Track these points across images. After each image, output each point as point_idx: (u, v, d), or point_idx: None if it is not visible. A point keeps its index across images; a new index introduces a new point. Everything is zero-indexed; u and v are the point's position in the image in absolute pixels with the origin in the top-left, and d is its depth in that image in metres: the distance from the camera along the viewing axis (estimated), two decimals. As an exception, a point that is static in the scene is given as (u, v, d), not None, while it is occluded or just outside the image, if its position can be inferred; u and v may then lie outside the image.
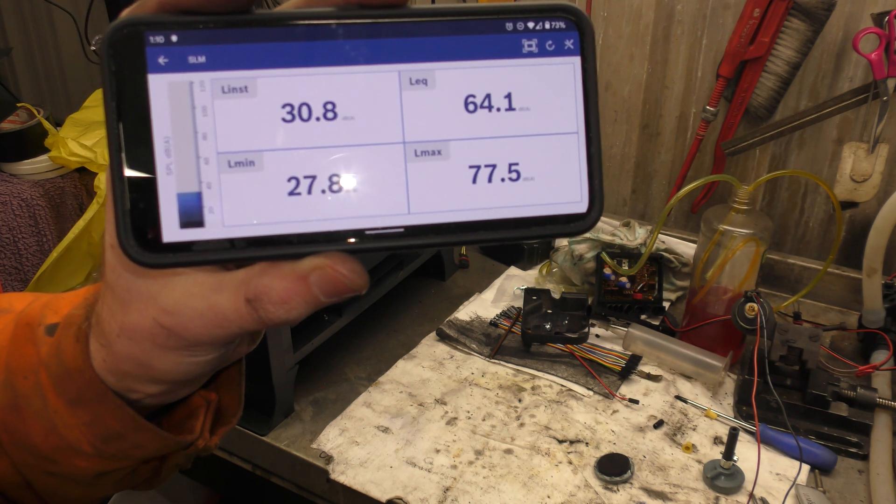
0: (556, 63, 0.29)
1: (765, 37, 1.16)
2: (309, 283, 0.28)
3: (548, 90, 0.29)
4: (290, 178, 0.28)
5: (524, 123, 0.29)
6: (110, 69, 0.27)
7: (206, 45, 0.27)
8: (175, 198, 0.28)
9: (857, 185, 1.14)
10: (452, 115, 0.29)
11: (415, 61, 0.28)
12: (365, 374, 1.06)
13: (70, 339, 0.35)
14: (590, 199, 0.29)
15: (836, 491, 0.86)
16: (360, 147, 0.28)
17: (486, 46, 0.29)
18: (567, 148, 0.29)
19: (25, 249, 1.49)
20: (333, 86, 0.28)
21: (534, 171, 0.29)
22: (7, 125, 1.56)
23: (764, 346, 0.93)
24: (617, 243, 1.15)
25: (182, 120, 0.27)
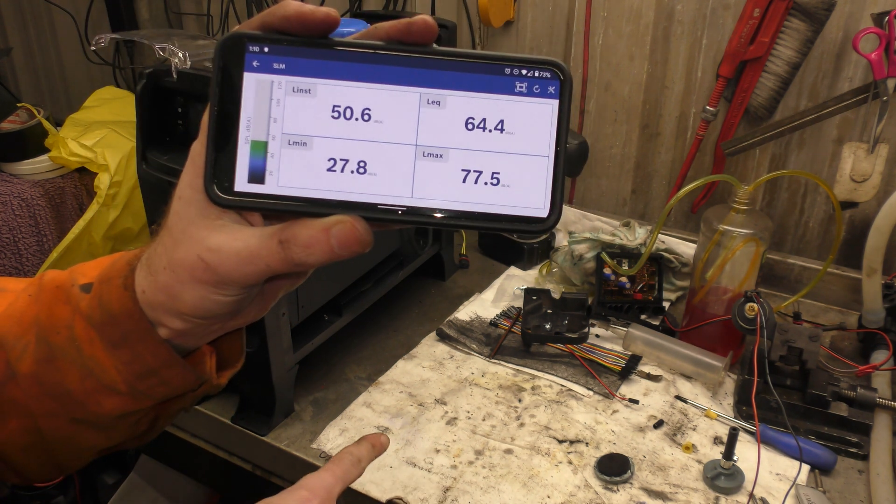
0: (540, 103, 0.38)
1: (765, 37, 1.16)
2: (329, 234, 0.37)
3: (530, 122, 0.38)
4: (330, 159, 0.38)
5: (509, 144, 0.38)
6: (219, 65, 0.37)
7: (286, 57, 0.38)
8: (248, 160, 0.38)
9: (857, 185, 1.14)
10: (455, 130, 0.38)
11: (433, 87, 0.38)
12: (365, 374, 1.06)
13: (116, 288, 0.43)
14: (550, 208, 0.38)
15: (836, 491, 0.87)
16: (384, 144, 0.38)
17: (488, 83, 0.38)
18: (539, 167, 0.38)
19: (25, 249, 1.49)
20: (371, 97, 0.38)
21: (511, 180, 0.38)
22: (7, 125, 1.56)
23: (764, 346, 0.93)
24: (617, 243, 1.15)
25: (261, 106, 0.38)
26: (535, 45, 1.40)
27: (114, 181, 1.49)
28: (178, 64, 0.90)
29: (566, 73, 0.38)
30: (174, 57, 0.89)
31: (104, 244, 1.51)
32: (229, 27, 1.78)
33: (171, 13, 1.89)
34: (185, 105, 1.01)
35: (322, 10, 0.37)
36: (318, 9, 0.37)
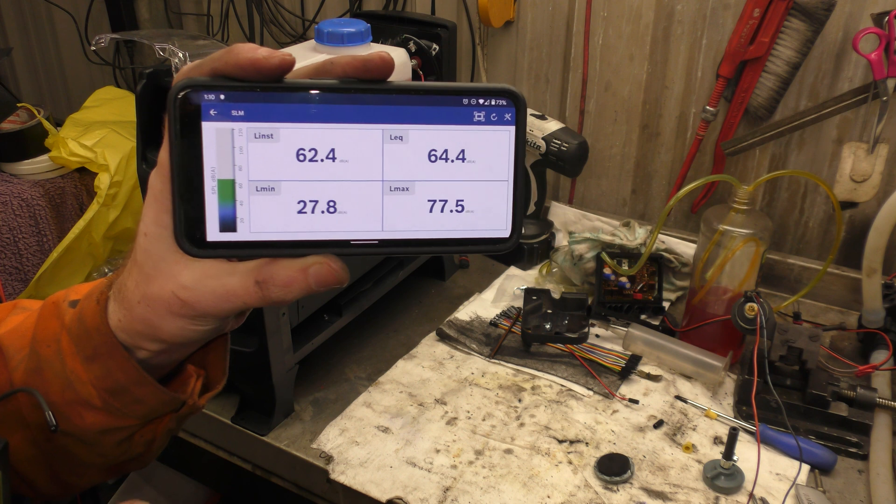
0: (497, 130, 0.39)
1: (765, 37, 1.16)
2: (308, 274, 0.38)
3: (489, 149, 0.39)
4: (300, 201, 0.38)
5: (470, 172, 0.39)
6: (175, 115, 0.37)
7: (244, 103, 0.37)
8: (217, 210, 0.38)
9: (857, 185, 1.14)
10: (419, 163, 0.39)
11: (394, 123, 0.38)
12: (365, 374, 1.06)
13: (92, 303, 0.44)
14: (512, 228, 0.40)
15: (835, 491, 0.87)
16: (351, 182, 0.38)
17: (447, 115, 0.39)
18: (499, 191, 0.39)
19: (26, 249, 1.49)
20: (335, 137, 0.38)
21: (474, 206, 0.39)
22: (7, 125, 1.56)
23: (764, 346, 0.93)
24: (617, 243, 1.15)
25: (224, 155, 0.37)
26: (535, 44, 1.40)
27: (114, 181, 1.49)
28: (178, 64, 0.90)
29: (520, 99, 0.39)
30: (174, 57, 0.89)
31: (104, 244, 1.51)
32: (229, 27, 1.78)
33: (171, 13, 1.89)
34: (185, 105, 1.01)
35: (277, 56, 0.37)
36: (272, 54, 0.37)
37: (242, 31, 1.74)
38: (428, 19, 1.25)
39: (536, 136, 1.21)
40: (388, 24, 1.18)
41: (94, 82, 2.01)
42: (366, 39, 1.05)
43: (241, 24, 1.74)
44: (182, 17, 1.90)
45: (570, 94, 1.40)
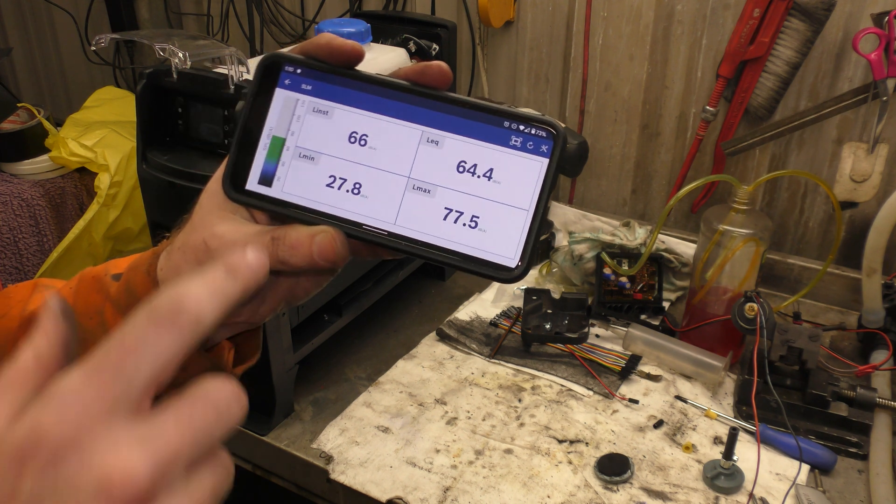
0: (531, 158, 0.39)
1: (765, 37, 1.16)
2: (312, 241, 0.40)
3: (518, 175, 0.39)
4: (331, 176, 0.41)
5: (493, 192, 0.39)
6: (257, 78, 0.42)
7: (314, 80, 0.42)
8: (262, 164, 0.42)
9: (857, 186, 1.14)
10: (447, 170, 0.40)
11: (435, 127, 0.40)
12: (365, 374, 1.06)
13: (141, 275, 0.46)
14: (520, 260, 0.39)
15: (835, 491, 0.87)
16: (380, 171, 0.41)
17: (486, 132, 0.40)
18: (517, 219, 0.39)
19: (26, 249, 1.49)
20: (378, 127, 0.41)
21: (488, 226, 0.39)
22: (7, 125, 1.56)
23: (764, 346, 0.93)
24: (617, 243, 1.15)
25: (284, 119, 0.42)
26: (535, 44, 1.40)
27: (114, 181, 1.50)
28: (178, 64, 0.90)
29: (561, 135, 0.39)
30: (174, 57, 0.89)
31: (104, 244, 1.51)
32: (229, 27, 1.78)
33: (171, 13, 1.89)
34: (185, 105, 1.01)
35: (349, 43, 0.41)
36: (346, 42, 0.41)
37: (242, 31, 1.74)
38: (428, 19, 1.25)
39: (536, 136, 1.21)
40: (388, 24, 1.19)
41: (94, 82, 2.01)
42: (366, 39, 1.05)
43: (241, 24, 1.74)
44: (182, 17, 1.90)
45: (570, 94, 1.40)
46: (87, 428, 0.25)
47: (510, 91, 1.46)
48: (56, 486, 0.24)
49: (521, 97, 1.45)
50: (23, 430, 0.25)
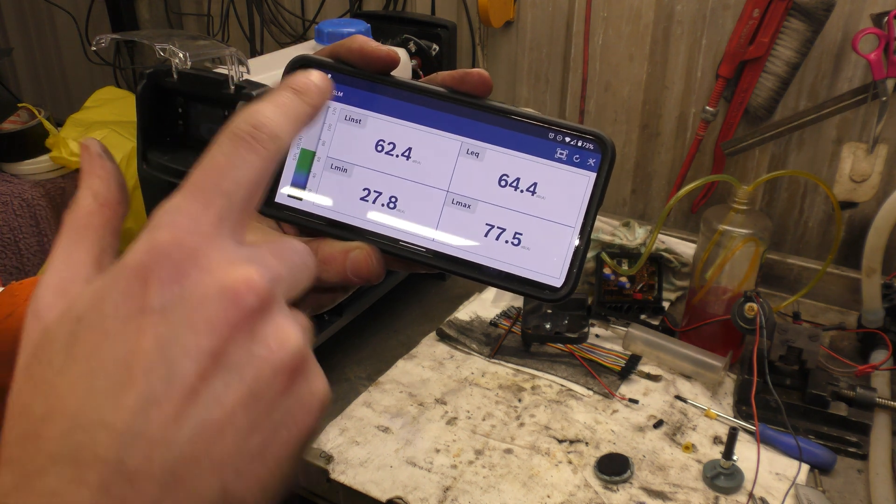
0: (577, 172, 0.37)
1: (764, 37, 1.16)
2: (347, 257, 0.38)
3: (563, 190, 0.37)
4: (365, 189, 0.39)
5: (537, 207, 0.37)
6: None
7: (345, 86, 0.39)
8: (291, 175, 0.40)
9: (857, 186, 1.14)
10: (488, 184, 0.38)
11: (475, 138, 0.38)
12: (365, 374, 1.06)
13: None
14: (565, 280, 0.38)
15: (835, 491, 0.87)
16: (418, 184, 0.38)
17: (529, 144, 0.38)
18: (562, 236, 0.37)
19: (26, 249, 1.49)
20: (415, 137, 0.39)
21: (531, 243, 0.37)
22: (8, 125, 1.56)
23: (763, 345, 0.93)
24: (617, 243, 1.15)
25: (314, 128, 0.39)
26: (534, 45, 1.40)
27: (114, 181, 1.50)
28: (178, 64, 0.90)
29: (610, 147, 0.37)
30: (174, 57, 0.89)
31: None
32: (229, 27, 1.78)
33: (172, 13, 1.89)
34: (185, 105, 1.01)
35: (384, 49, 0.39)
36: (380, 47, 0.39)
37: (243, 31, 1.74)
38: (428, 19, 1.25)
39: (536, 136, 1.21)
40: (388, 24, 1.19)
41: (95, 82, 2.01)
42: (366, 40, 1.05)
43: (241, 25, 1.74)
44: (182, 17, 1.90)
45: (570, 94, 1.40)
46: (201, 243, 0.26)
47: (510, 91, 1.46)
48: (182, 297, 0.25)
49: (521, 97, 1.45)
50: (140, 249, 0.26)
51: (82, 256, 0.29)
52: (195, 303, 0.25)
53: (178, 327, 0.25)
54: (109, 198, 0.31)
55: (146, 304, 0.25)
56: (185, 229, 0.26)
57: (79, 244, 0.29)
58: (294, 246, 0.30)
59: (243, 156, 0.28)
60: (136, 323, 0.25)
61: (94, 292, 0.26)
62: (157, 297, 0.25)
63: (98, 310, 0.25)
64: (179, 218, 0.27)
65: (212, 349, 0.25)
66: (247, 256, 0.27)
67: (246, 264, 0.27)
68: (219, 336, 0.25)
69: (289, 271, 0.29)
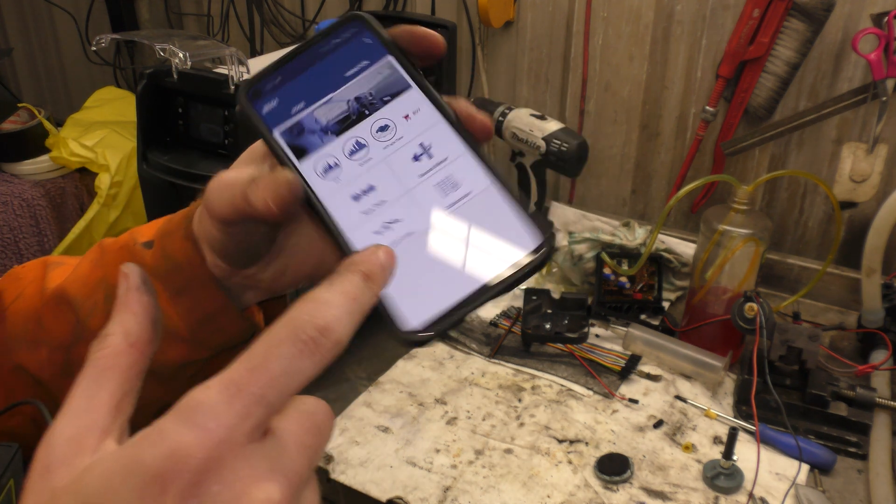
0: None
1: (764, 37, 1.16)
2: (274, 179, 0.38)
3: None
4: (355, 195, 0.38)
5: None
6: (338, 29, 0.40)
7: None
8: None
9: (857, 186, 1.14)
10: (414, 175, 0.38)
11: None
12: (365, 374, 1.06)
13: (180, 239, 0.45)
14: (428, 326, 0.35)
15: (835, 490, 0.87)
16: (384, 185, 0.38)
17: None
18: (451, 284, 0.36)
19: (26, 249, 1.49)
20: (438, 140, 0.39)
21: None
22: (8, 125, 1.56)
23: (763, 345, 0.93)
24: (617, 243, 1.15)
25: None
26: (535, 45, 1.40)
27: (114, 181, 1.50)
28: (178, 64, 0.90)
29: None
30: (174, 57, 0.89)
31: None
32: (229, 27, 1.78)
33: (172, 13, 1.89)
34: (185, 105, 1.01)
35: (436, 37, 0.40)
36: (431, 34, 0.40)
37: (243, 31, 1.74)
38: (428, 19, 1.25)
39: (536, 136, 1.21)
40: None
41: (95, 82, 2.02)
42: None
43: (241, 25, 1.74)
44: (182, 17, 1.90)
45: (570, 94, 1.40)
46: (228, 455, 0.25)
47: (510, 91, 1.46)
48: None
49: (521, 97, 1.45)
50: (162, 450, 0.24)
51: (103, 401, 0.27)
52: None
53: None
54: (141, 337, 0.29)
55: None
56: (215, 438, 0.25)
57: (101, 387, 0.28)
58: (316, 422, 0.28)
59: (301, 364, 0.27)
60: None
61: (106, 481, 0.24)
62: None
63: (108, 502, 0.24)
64: (212, 423, 0.25)
65: None
66: (272, 462, 0.26)
67: (269, 481, 0.25)
68: None
69: (310, 463, 0.27)
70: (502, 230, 0.35)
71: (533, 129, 1.22)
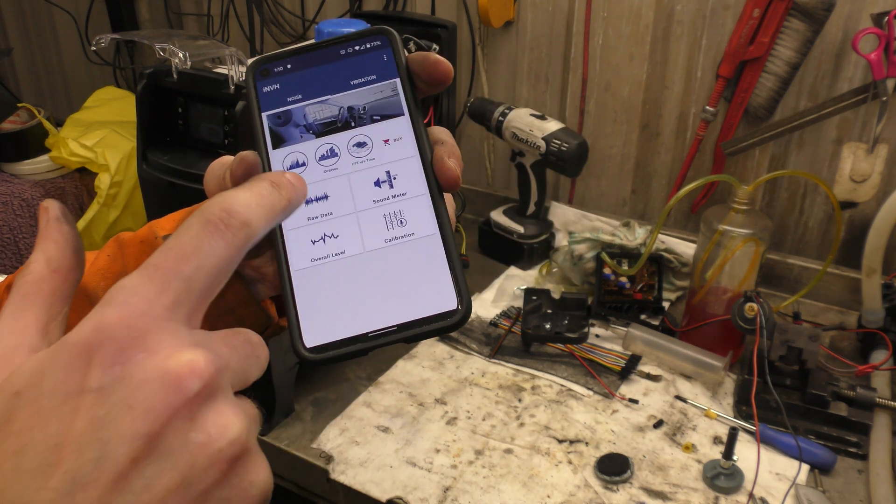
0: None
1: (764, 37, 1.16)
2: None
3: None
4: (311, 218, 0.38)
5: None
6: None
7: None
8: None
9: (857, 186, 1.14)
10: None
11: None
12: (365, 373, 1.06)
13: None
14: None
15: (835, 491, 0.87)
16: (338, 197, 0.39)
17: None
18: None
19: (26, 249, 1.49)
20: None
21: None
22: (8, 125, 1.56)
23: (763, 345, 0.93)
24: (617, 243, 1.15)
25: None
26: (535, 45, 1.40)
27: (114, 181, 1.50)
28: (178, 64, 0.90)
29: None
30: (174, 57, 0.89)
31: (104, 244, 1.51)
32: (229, 27, 1.78)
33: (172, 13, 1.89)
34: (185, 105, 1.01)
35: (442, 61, 0.41)
36: (440, 58, 0.41)
37: (243, 31, 1.74)
38: (428, 19, 1.25)
39: (536, 136, 1.21)
40: (388, 24, 1.19)
41: (95, 82, 2.01)
42: (366, 40, 1.05)
43: (241, 25, 1.74)
44: (182, 17, 1.90)
45: (570, 94, 1.40)
46: (151, 326, 0.26)
47: (510, 91, 1.46)
48: (123, 379, 0.25)
49: (521, 97, 1.45)
50: (87, 327, 0.25)
51: (29, 323, 0.28)
52: (135, 385, 0.25)
53: (114, 409, 0.24)
54: (63, 264, 0.30)
55: (86, 384, 0.24)
56: (136, 311, 0.26)
57: (26, 310, 0.29)
58: (248, 337, 0.29)
59: (210, 241, 0.28)
60: (72, 402, 0.24)
61: (34, 367, 0.25)
62: (97, 377, 0.24)
63: (36, 386, 0.25)
64: (133, 298, 0.26)
65: (147, 433, 0.24)
66: (196, 342, 0.27)
67: (193, 349, 0.26)
68: (155, 420, 0.24)
69: (239, 360, 0.28)
70: (427, 282, 0.36)
71: (533, 129, 1.22)
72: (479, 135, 1.51)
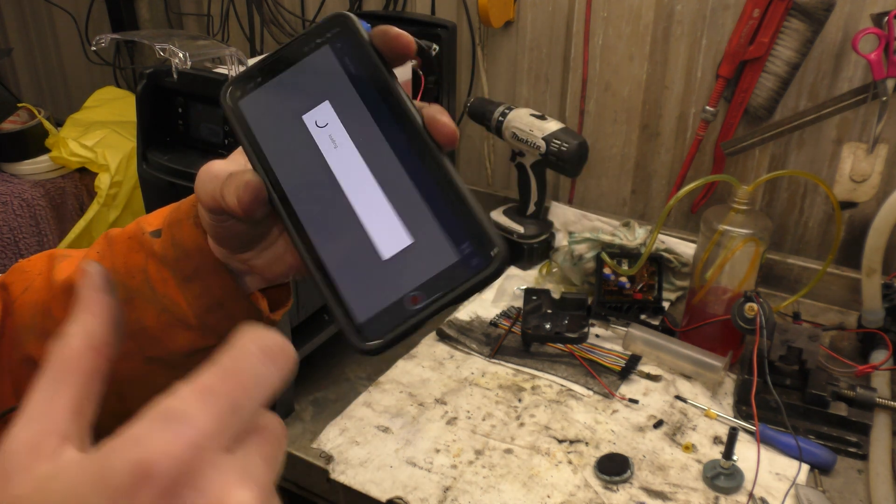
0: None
1: (764, 37, 1.16)
2: (240, 177, 0.40)
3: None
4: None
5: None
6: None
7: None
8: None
9: (857, 186, 1.14)
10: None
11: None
12: (365, 373, 1.06)
13: (189, 227, 0.47)
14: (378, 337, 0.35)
15: (835, 491, 0.87)
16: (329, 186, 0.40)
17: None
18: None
19: (26, 249, 1.49)
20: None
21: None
22: (8, 125, 1.56)
23: (763, 345, 0.93)
24: (617, 243, 1.15)
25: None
26: (535, 45, 1.40)
27: (114, 181, 1.50)
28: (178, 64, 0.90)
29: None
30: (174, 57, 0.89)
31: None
32: (229, 27, 1.78)
33: (172, 13, 1.89)
34: (185, 105, 1.01)
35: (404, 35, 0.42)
36: (401, 34, 0.41)
37: (243, 31, 1.74)
38: (428, 19, 1.25)
39: (536, 136, 1.21)
40: (388, 24, 1.19)
41: (95, 82, 2.01)
42: (366, 40, 1.05)
43: (241, 25, 1.74)
44: (182, 17, 1.90)
45: (570, 94, 1.40)
46: (200, 461, 0.24)
47: (510, 91, 1.46)
48: None
49: (521, 97, 1.45)
50: (136, 454, 0.23)
51: (62, 406, 0.27)
52: None
53: None
54: (101, 341, 0.28)
55: None
56: (187, 442, 0.24)
57: (59, 391, 0.27)
58: (278, 436, 0.28)
59: (269, 373, 0.27)
60: None
61: (74, 486, 0.23)
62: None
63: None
64: (185, 428, 0.24)
65: None
66: (241, 474, 0.25)
67: (241, 487, 0.25)
68: None
69: (276, 471, 0.27)
70: (455, 233, 0.36)
71: (533, 129, 1.22)
72: (479, 135, 1.51)
